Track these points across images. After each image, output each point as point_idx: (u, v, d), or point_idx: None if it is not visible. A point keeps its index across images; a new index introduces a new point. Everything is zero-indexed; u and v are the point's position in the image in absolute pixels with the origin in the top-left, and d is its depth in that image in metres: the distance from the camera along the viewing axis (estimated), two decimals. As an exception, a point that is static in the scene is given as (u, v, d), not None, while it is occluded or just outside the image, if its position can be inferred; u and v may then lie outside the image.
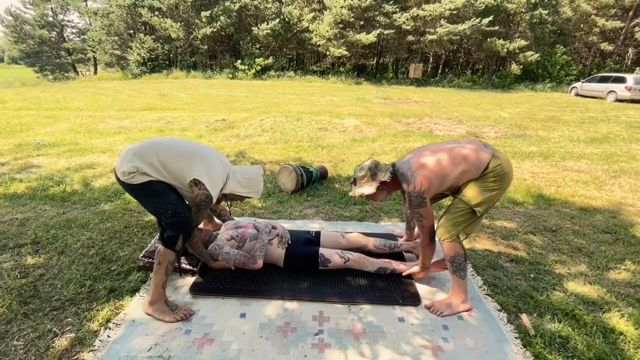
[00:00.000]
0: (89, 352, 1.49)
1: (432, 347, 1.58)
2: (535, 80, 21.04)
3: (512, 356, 1.53)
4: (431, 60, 24.16)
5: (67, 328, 1.63)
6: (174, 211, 1.62)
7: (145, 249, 2.15)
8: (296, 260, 2.03)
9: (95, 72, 25.66)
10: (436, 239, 1.80)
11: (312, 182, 3.52)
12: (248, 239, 2.06)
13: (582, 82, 16.28)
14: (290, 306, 1.81)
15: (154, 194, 1.63)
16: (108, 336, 1.58)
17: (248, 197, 1.85)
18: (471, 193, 1.68)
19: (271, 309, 1.79)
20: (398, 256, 2.26)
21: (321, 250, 2.01)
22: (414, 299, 1.88)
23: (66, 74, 24.10)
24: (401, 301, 1.86)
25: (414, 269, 1.96)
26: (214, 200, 1.67)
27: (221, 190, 1.74)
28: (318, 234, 2.24)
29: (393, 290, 1.94)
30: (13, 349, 1.50)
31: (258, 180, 1.84)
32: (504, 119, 8.46)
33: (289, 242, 2.09)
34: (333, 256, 1.99)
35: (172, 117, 7.51)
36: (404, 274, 2.01)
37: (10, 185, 3.44)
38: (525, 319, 1.75)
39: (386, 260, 2.06)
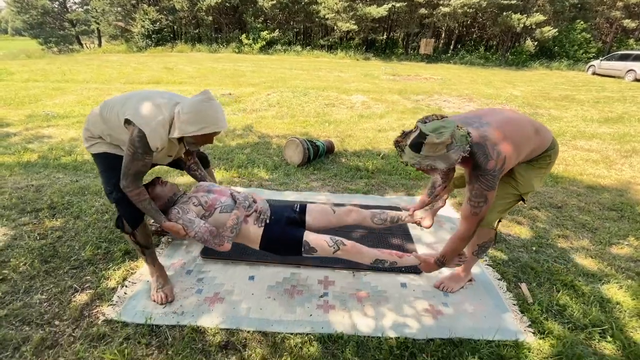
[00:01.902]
0: (108, 306, 1.59)
1: (432, 311, 1.65)
2: (551, 58, 20.24)
3: (509, 321, 1.60)
4: (443, 35, 23.28)
5: (87, 285, 1.72)
6: (112, 188, 1.52)
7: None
8: (275, 246, 1.64)
9: (100, 45, 25.28)
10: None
11: (318, 156, 3.53)
12: (219, 209, 1.63)
13: (601, 60, 15.63)
14: (297, 271, 1.88)
15: (102, 168, 1.55)
16: (125, 293, 1.68)
17: (213, 134, 1.46)
18: (528, 180, 1.50)
19: (278, 273, 1.86)
20: (403, 234, 2.20)
21: (306, 236, 1.61)
22: (416, 268, 1.92)
23: (70, 46, 23.79)
24: (404, 269, 1.92)
25: (427, 258, 1.63)
26: (153, 142, 1.39)
27: (169, 133, 1.44)
28: (303, 208, 1.82)
29: (396, 258, 2.00)
30: (38, 301, 1.60)
31: (206, 108, 1.39)
32: (515, 97, 8.25)
33: (267, 220, 1.66)
34: (320, 244, 1.59)
35: (179, 90, 7.45)
36: (418, 264, 1.66)
37: (23, 154, 3.51)
38: (524, 288, 1.81)
39: (385, 250, 1.68)
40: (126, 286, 1.72)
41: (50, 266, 1.83)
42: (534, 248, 2.17)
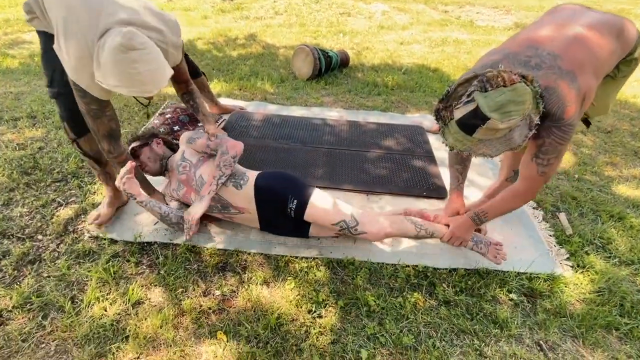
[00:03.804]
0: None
1: (456, 239, 1.46)
2: (609, -35, 17.09)
3: (543, 253, 1.40)
4: None
5: (71, 199, 1.56)
6: (50, 79, 1.18)
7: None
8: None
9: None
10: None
11: (331, 69, 3.08)
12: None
13: (670, -33, 13.07)
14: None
15: (42, 50, 1.17)
16: (113, 209, 1.51)
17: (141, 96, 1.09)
18: (604, 101, 1.20)
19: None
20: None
21: (314, 233, 1.39)
22: (439, 192, 1.70)
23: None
24: (425, 193, 1.69)
25: (454, 218, 1.36)
26: (98, 94, 1.10)
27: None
28: (302, 207, 1.28)
29: (417, 181, 1.76)
30: (18, 214, 1.46)
31: (124, 66, 0.96)
32: (562, 9, 7.07)
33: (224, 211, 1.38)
34: (331, 234, 1.41)
35: (173, -5, 6.54)
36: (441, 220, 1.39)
37: (2, 60, 3.15)
38: (563, 218, 1.58)
39: (404, 223, 1.36)
40: (114, 202, 1.55)
41: (31, 178, 1.65)
42: (576, 175, 1.89)
